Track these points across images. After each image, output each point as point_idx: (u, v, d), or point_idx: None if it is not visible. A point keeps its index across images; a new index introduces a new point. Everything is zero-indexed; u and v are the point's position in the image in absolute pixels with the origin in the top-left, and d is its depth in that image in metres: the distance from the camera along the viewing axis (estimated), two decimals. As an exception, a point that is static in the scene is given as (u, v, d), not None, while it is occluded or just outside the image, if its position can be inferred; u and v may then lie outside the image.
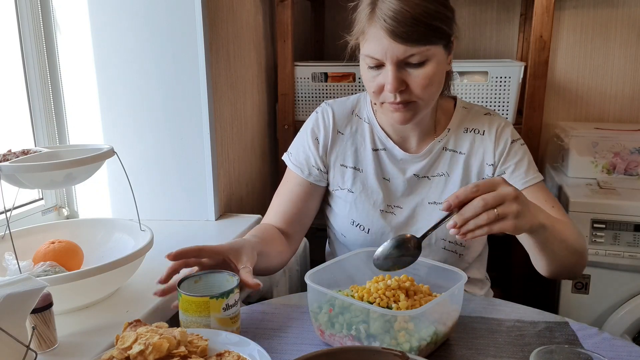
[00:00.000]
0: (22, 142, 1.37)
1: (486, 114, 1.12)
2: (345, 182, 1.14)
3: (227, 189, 1.56)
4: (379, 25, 0.93)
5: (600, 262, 1.53)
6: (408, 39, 0.92)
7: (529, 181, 1.07)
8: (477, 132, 1.10)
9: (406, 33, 0.91)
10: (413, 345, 0.76)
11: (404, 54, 0.93)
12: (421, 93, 0.97)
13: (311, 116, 1.18)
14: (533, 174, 1.08)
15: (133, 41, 1.37)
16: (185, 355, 0.73)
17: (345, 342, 0.80)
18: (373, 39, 0.95)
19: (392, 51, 0.93)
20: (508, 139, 1.09)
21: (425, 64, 0.95)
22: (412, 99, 0.98)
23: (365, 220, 1.12)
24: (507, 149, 1.09)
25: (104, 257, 1.05)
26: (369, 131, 1.13)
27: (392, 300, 0.81)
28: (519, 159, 1.08)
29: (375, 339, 0.76)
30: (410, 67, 0.95)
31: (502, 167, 1.09)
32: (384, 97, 0.99)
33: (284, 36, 1.78)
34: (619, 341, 0.86)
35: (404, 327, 0.75)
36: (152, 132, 1.42)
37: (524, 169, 1.08)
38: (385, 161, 1.12)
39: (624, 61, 2.01)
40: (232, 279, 0.87)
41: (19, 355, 0.71)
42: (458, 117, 1.12)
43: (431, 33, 0.93)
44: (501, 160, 1.09)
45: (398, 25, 0.91)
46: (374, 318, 0.76)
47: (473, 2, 2.11)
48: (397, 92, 0.96)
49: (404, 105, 0.98)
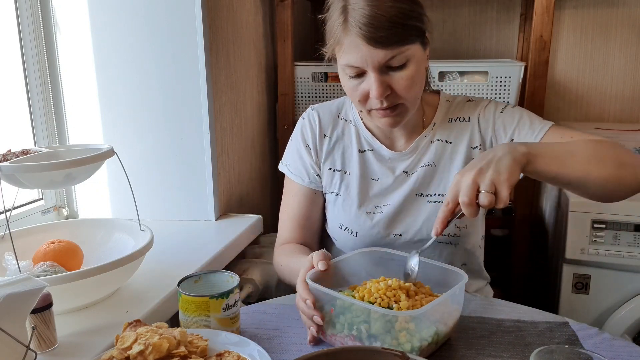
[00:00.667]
0: (22, 142, 1.37)
1: (468, 101, 1.11)
2: (334, 186, 1.13)
3: (227, 189, 1.56)
4: (354, 33, 0.91)
5: (600, 262, 1.53)
6: (386, 43, 0.91)
7: (539, 133, 1.02)
8: (463, 120, 1.10)
9: (384, 37, 0.90)
10: (414, 345, 0.76)
11: (384, 58, 0.92)
12: (406, 94, 0.96)
13: (298, 123, 1.17)
14: (540, 125, 1.04)
15: (133, 41, 1.37)
16: (185, 355, 0.73)
17: (346, 342, 0.80)
18: (350, 48, 0.93)
19: (372, 57, 0.92)
20: (496, 112, 1.07)
21: (406, 65, 0.94)
22: (398, 101, 0.97)
23: (353, 224, 1.11)
24: (500, 120, 1.06)
25: (104, 257, 1.05)
26: (355, 133, 1.13)
27: (393, 301, 0.81)
28: (518, 119, 1.05)
29: (376, 339, 0.76)
30: (392, 70, 0.94)
31: (507, 137, 1.05)
32: (369, 104, 0.98)
33: (284, 36, 1.78)
34: (619, 341, 0.86)
35: (405, 327, 0.75)
36: (152, 132, 1.42)
37: (528, 124, 1.04)
38: (373, 162, 1.11)
39: (624, 61, 2.01)
40: (232, 279, 0.87)
41: (19, 355, 0.71)
42: (442, 110, 1.11)
43: (408, 33, 0.92)
44: (500, 133, 1.06)
45: (374, 30, 0.89)
46: (375, 318, 0.76)
47: (473, 2, 2.11)
48: (383, 98, 0.95)
49: (392, 109, 0.97)
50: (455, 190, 0.82)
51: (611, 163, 0.91)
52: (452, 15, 2.13)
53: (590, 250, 1.51)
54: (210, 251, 1.23)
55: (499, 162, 0.81)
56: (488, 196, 0.78)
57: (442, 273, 0.90)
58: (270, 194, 1.94)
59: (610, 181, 0.91)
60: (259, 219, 1.51)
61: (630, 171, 0.92)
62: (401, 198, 1.09)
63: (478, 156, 0.85)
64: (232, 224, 1.45)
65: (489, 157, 0.83)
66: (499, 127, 1.07)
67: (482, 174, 0.80)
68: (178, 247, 1.26)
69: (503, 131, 1.06)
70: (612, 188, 0.92)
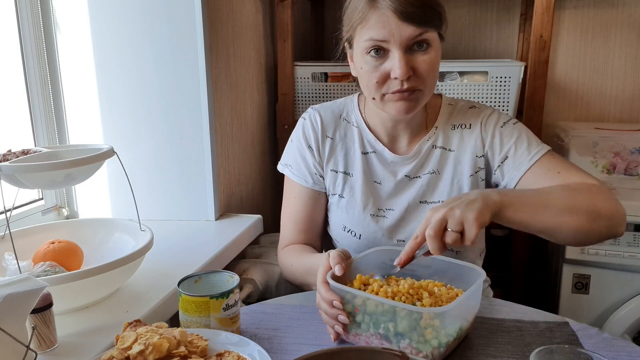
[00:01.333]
0: (22, 142, 1.37)
1: (471, 107, 1.11)
2: (336, 187, 1.13)
3: (227, 189, 1.56)
4: (385, 6, 0.92)
5: (600, 262, 1.54)
6: (416, 19, 0.92)
7: (534, 156, 1.02)
8: (465, 127, 1.09)
9: (414, 13, 0.91)
10: (441, 341, 0.77)
11: (412, 34, 0.93)
12: (427, 78, 0.96)
13: (299, 123, 1.16)
14: (536, 147, 1.04)
15: (133, 41, 1.37)
16: (185, 355, 0.73)
17: (372, 341, 0.80)
18: (378, 22, 0.93)
19: (400, 33, 0.92)
20: (497, 125, 1.07)
21: (429, 49, 0.95)
22: (418, 85, 0.97)
23: (356, 226, 1.11)
24: (499, 134, 1.06)
25: (104, 257, 1.05)
26: (358, 135, 1.12)
27: (416, 298, 0.82)
28: (516, 137, 1.05)
29: (403, 337, 0.77)
30: (416, 52, 0.95)
31: (502, 153, 1.06)
32: (387, 87, 0.97)
33: (284, 36, 1.79)
34: (619, 341, 0.86)
35: (430, 324, 0.76)
36: (152, 132, 1.42)
37: (525, 145, 1.04)
38: (376, 164, 1.11)
39: (624, 61, 2.01)
40: (232, 279, 0.87)
41: (19, 355, 0.71)
42: (445, 115, 1.11)
43: (435, 16, 0.94)
44: (496, 147, 1.06)
45: (407, 5, 0.91)
46: (402, 317, 0.77)
47: (473, 2, 2.11)
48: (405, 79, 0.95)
49: (410, 93, 0.97)
50: (425, 226, 0.83)
51: (585, 215, 0.91)
52: (452, 15, 2.13)
53: (590, 250, 1.51)
54: (210, 251, 1.23)
55: (470, 204, 0.83)
56: (453, 235, 0.80)
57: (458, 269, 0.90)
58: (270, 194, 1.94)
59: (581, 232, 0.92)
60: (259, 219, 1.51)
61: (603, 223, 0.92)
62: (405, 204, 1.09)
63: (451, 197, 0.88)
64: (232, 224, 1.45)
65: (462, 199, 0.85)
66: (496, 140, 1.06)
67: (452, 212, 0.82)
68: (178, 247, 1.26)
69: (499, 145, 1.06)
70: (581, 238, 0.94)
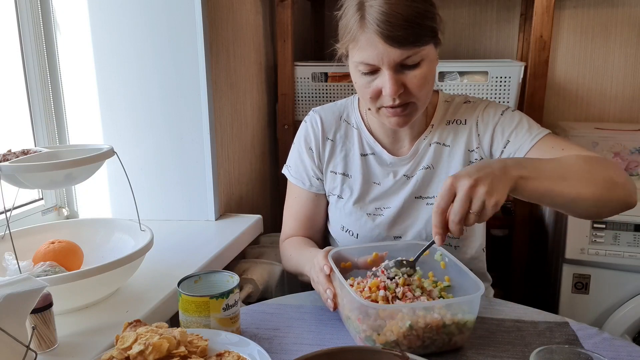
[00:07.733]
0: (22, 142, 1.37)
1: (466, 102, 1.11)
2: (335, 188, 1.14)
3: (227, 189, 1.56)
4: (372, 30, 0.91)
5: (600, 262, 1.53)
6: (403, 42, 0.91)
7: (535, 137, 1.02)
8: (460, 123, 1.10)
9: (401, 36, 0.90)
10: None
11: (400, 57, 0.92)
12: (419, 93, 0.97)
13: (301, 126, 1.18)
14: (537, 130, 1.03)
15: (133, 41, 1.37)
16: (185, 355, 0.73)
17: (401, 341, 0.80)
18: (367, 45, 0.93)
19: (388, 56, 0.92)
20: (495, 115, 1.07)
21: (420, 64, 0.95)
22: (410, 100, 0.97)
23: (354, 226, 1.12)
24: (499, 122, 1.06)
25: (104, 257, 1.05)
26: (358, 136, 1.13)
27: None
28: (516, 122, 1.05)
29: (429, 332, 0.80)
30: (406, 69, 0.95)
31: (504, 138, 1.05)
32: (381, 102, 0.98)
33: (284, 36, 1.78)
34: (619, 341, 0.86)
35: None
36: (152, 132, 1.42)
37: (526, 128, 1.04)
38: (374, 166, 1.12)
39: (624, 61, 2.01)
40: (232, 279, 0.87)
41: (19, 355, 0.71)
42: (440, 112, 1.11)
43: (424, 33, 0.93)
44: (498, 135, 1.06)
45: (392, 28, 0.89)
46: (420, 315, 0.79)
47: (473, 2, 2.11)
48: (396, 96, 0.95)
49: (403, 108, 0.97)
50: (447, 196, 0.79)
51: (603, 183, 0.89)
52: (452, 15, 2.13)
53: (590, 250, 1.51)
54: (210, 251, 1.23)
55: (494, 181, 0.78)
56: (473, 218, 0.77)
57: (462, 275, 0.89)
58: (270, 194, 1.94)
59: (601, 201, 0.89)
60: (259, 219, 1.51)
61: (620, 192, 0.90)
62: (401, 201, 1.10)
63: (475, 164, 0.83)
64: (232, 224, 1.45)
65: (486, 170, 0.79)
66: (498, 130, 1.07)
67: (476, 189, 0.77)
68: (178, 247, 1.26)
69: (501, 133, 1.06)
70: (601, 207, 0.91)
